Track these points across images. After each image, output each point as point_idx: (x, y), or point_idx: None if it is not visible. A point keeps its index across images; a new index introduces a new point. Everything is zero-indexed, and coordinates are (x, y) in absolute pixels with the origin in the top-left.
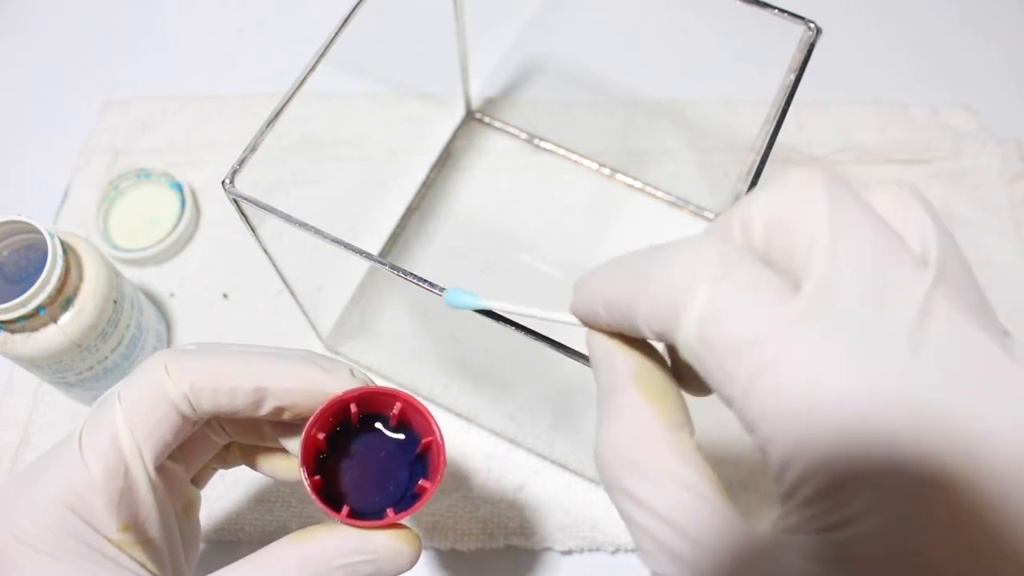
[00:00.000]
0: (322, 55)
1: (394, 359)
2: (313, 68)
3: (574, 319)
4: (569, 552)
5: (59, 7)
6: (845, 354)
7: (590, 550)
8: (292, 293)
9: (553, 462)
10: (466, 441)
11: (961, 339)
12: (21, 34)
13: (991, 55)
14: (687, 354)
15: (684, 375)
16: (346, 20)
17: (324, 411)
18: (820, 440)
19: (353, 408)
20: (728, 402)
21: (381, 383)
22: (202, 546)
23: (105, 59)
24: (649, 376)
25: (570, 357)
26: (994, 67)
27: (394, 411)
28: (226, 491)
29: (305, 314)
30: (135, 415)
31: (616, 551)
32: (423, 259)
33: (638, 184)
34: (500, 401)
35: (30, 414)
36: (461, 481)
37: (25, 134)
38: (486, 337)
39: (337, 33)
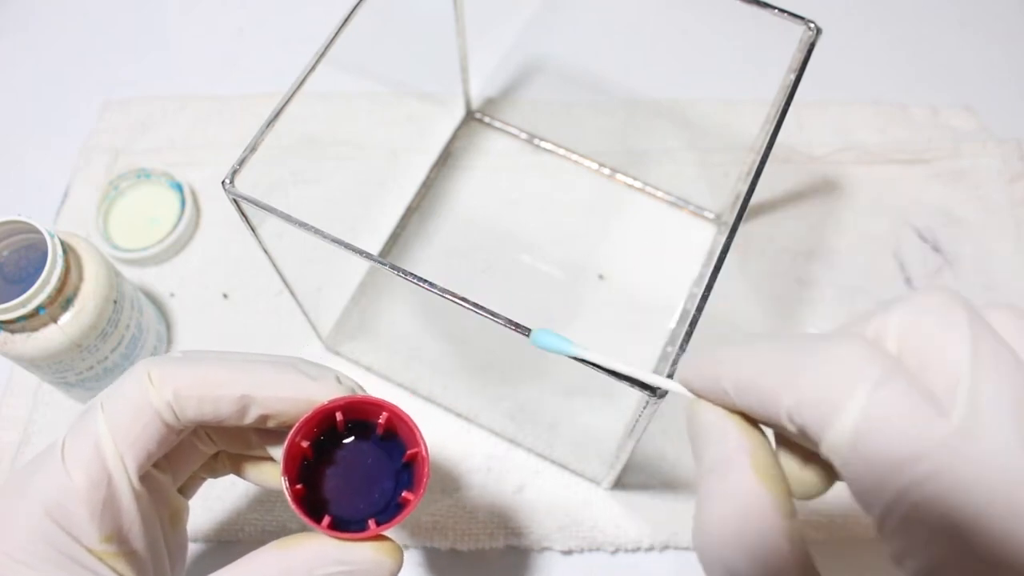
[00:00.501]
0: (322, 55)
1: (394, 359)
2: (313, 68)
3: (673, 386)
4: (569, 552)
5: (59, 7)
6: (999, 474)
7: (590, 550)
8: (292, 293)
9: (553, 462)
10: (466, 441)
11: None
12: (21, 34)
13: (991, 55)
14: (832, 456)
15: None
16: (346, 20)
17: (309, 420)
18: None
19: (339, 416)
20: (871, 507)
21: (381, 383)
22: (202, 547)
23: (105, 59)
24: (766, 460)
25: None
26: (994, 67)
27: (380, 420)
28: (224, 491)
29: (305, 314)
30: (118, 424)
31: (616, 551)
32: (423, 259)
33: (638, 184)
34: (500, 401)
35: (30, 414)
36: (461, 481)
37: (25, 134)
38: (486, 337)
39: (337, 33)
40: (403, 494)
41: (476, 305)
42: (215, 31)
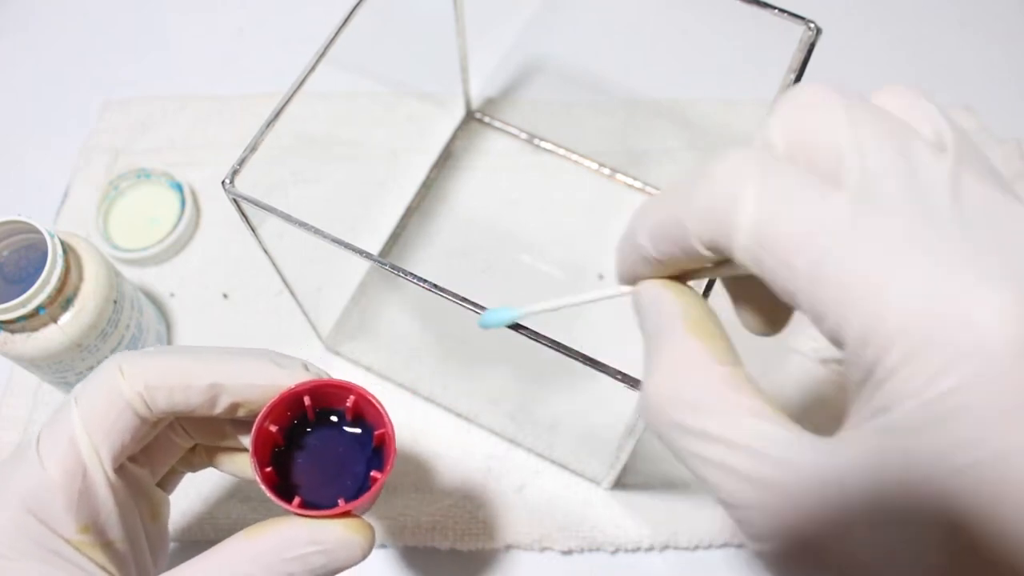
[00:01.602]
0: (322, 55)
1: (394, 359)
2: (313, 68)
3: (612, 291)
4: (569, 552)
5: (59, 7)
6: (901, 231)
7: (590, 550)
8: (292, 293)
9: (553, 462)
10: (466, 441)
11: (993, 202)
12: (21, 34)
13: (991, 55)
14: (744, 257)
15: (741, 304)
16: (346, 20)
17: (276, 404)
18: (895, 304)
19: (307, 401)
20: (792, 297)
21: (381, 383)
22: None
23: (105, 59)
24: (698, 316)
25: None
26: (994, 67)
27: (348, 404)
28: (209, 492)
29: (305, 314)
30: (91, 416)
31: (616, 551)
32: (423, 259)
33: (638, 184)
34: (500, 401)
35: (30, 414)
36: (461, 481)
37: (25, 134)
38: (486, 337)
39: (337, 33)
40: (371, 473)
41: (476, 305)
42: (215, 31)
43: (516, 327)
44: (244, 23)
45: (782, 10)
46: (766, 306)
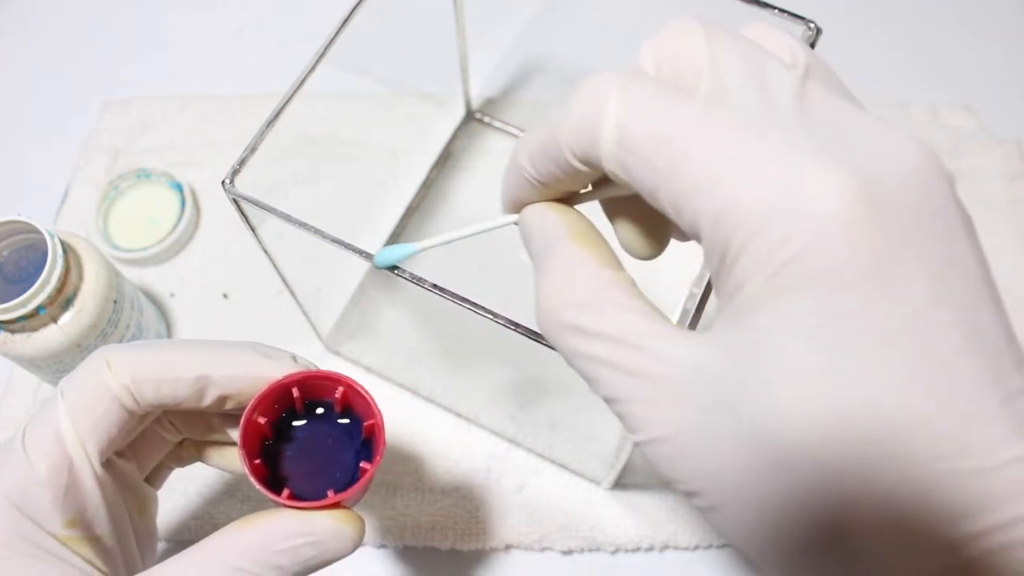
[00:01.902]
0: (322, 55)
1: (394, 359)
2: (313, 68)
3: (501, 220)
4: (569, 552)
5: (59, 7)
6: (748, 127)
7: (590, 550)
8: (292, 293)
9: (553, 462)
10: (466, 441)
11: (835, 108)
12: (21, 34)
13: (991, 55)
14: (612, 164)
15: (621, 224)
16: (346, 20)
17: (265, 395)
18: (742, 188)
19: (296, 393)
20: (653, 193)
21: (381, 383)
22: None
23: (105, 59)
24: (582, 229)
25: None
26: (994, 67)
27: (337, 395)
28: (197, 492)
29: (305, 314)
30: (78, 410)
31: (616, 551)
32: (423, 259)
33: None
34: (500, 401)
35: (30, 414)
36: (461, 481)
37: (25, 134)
38: (486, 337)
39: (337, 33)
40: (361, 464)
41: (476, 305)
42: (215, 31)
43: (516, 327)
44: (244, 23)
45: (782, 10)
46: (644, 225)
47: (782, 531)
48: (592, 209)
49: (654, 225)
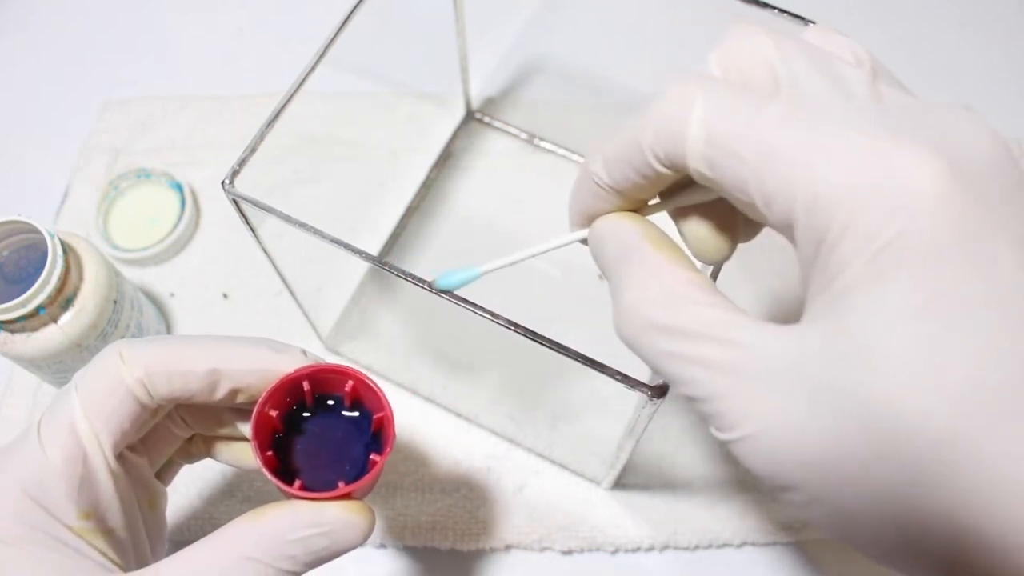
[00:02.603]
0: (322, 55)
1: (394, 359)
2: (313, 68)
3: (570, 236)
4: (569, 552)
5: (59, 7)
6: (833, 117)
7: (590, 550)
8: (292, 293)
9: (553, 462)
10: (466, 441)
11: (906, 100)
12: (21, 34)
13: (991, 55)
14: (697, 161)
15: (691, 229)
16: (346, 20)
17: (276, 388)
18: (837, 171)
19: (306, 386)
20: (743, 188)
21: (381, 383)
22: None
23: (105, 59)
24: (658, 236)
25: (562, 353)
26: (994, 67)
27: (347, 389)
28: (201, 490)
29: (305, 314)
30: (92, 403)
31: (616, 551)
32: (423, 259)
33: None
34: (500, 401)
35: (30, 414)
36: (461, 481)
37: (25, 134)
38: (486, 337)
39: (337, 33)
40: (371, 457)
41: (476, 305)
42: (215, 31)
43: (515, 327)
44: (244, 23)
45: (782, 10)
46: (713, 229)
47: (897, 519)
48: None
49: (723, 227)
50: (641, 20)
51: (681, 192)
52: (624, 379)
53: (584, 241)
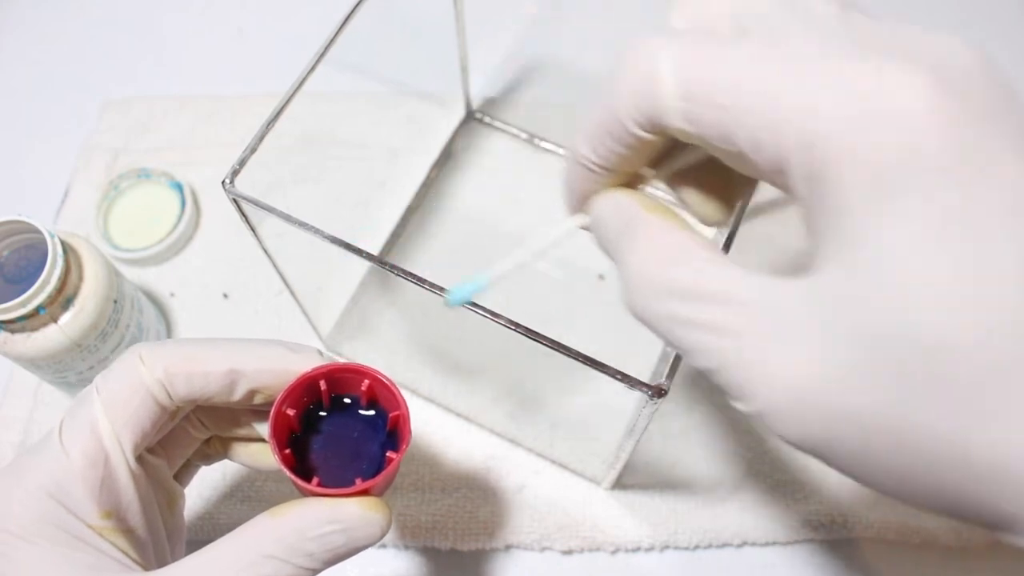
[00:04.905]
0: (322, 55)
1: (394, 359)
2: (313, 68)
3: (568, 224)
4: (569, 552)
5: (59, 7)
6: (811, 49)
7: (590, 550)
8: (292, 293)
9: (553, 462)
10: (466, 441)
11: (880, 27)
12: (21, 34)
13: (991, 55)
14: (678, 119)
15: (689, 192)
16: (346, 20)
17: (293, 388)
18: (831, 108)
19: (323, 386)
20: (728, 138)
21: None
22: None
23: (105, 59)
24: (655, 204)
25: (569, 355)
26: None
27: (363, 388)
28: (212, 491)
29: (305, 314)
30: (113, 404)
31: (616, 551)
32: (423, 259)
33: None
34: (500, 401)
35: (30, 414)
36: (461, 481)
37: (25, 134)
38: (486, 337)
39: (337, 33)
40: (387, 454)
41: (476, 305)
42: (215, 31)
43: (516, 327)
44: (244, 23)
45: None
46: (711, 191)
47: (939, 459)
48: None
49: (720, 187)
50: (641, 20)
51: (670, 157)
52: (624, 379)
53: (586, 229)
